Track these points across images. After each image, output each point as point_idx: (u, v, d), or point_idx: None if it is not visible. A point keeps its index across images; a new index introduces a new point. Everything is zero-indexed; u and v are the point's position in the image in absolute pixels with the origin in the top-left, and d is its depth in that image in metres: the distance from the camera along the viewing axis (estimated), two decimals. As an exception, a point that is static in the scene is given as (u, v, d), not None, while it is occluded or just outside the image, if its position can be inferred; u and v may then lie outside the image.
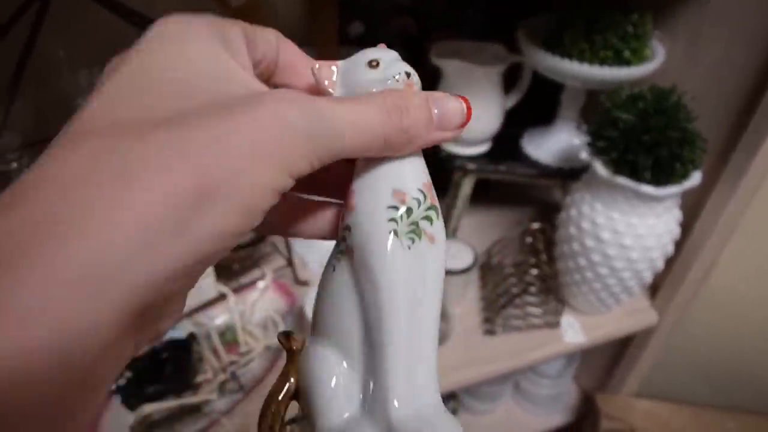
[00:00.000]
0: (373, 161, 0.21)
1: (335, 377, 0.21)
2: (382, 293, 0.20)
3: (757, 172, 0.64)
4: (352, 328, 0.21)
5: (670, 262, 0.73)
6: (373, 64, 0.21)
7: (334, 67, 0.22)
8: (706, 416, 0.90)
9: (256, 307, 0.74)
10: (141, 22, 0.56)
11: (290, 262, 0.79)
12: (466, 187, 0.82)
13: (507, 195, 0.97)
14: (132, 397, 0.62)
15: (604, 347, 0.94)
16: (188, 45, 0.18)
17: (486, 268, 0.84)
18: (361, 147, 0.19)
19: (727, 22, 0.65)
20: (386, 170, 0.21)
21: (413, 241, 0.21)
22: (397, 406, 0.20)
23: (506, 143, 0.83)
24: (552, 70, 0.70)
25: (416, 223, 0.21)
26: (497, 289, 0.78)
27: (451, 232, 0.87)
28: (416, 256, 0.21)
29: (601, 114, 0.65)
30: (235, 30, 0.20)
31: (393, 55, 0.22)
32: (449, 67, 0.74)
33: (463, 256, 0.76)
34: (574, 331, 0.77)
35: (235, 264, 0.77)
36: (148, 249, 0.14)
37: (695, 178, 0.63)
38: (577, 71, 0.68)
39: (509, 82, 0.80)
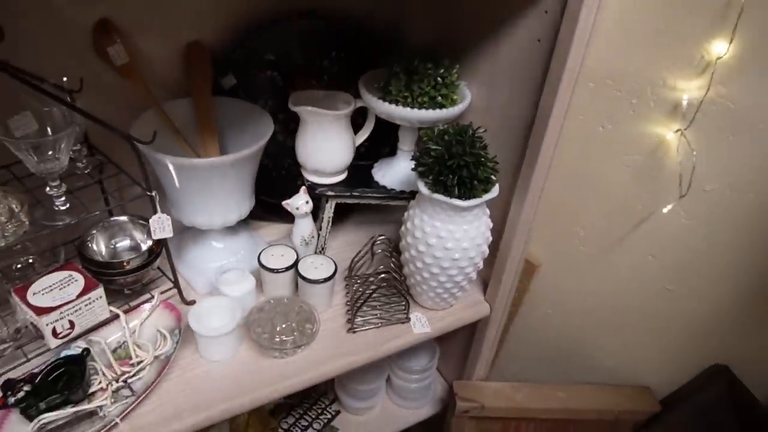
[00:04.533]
0: None
1: None
2: None
3: (538, 183, 0.85)
4: None
5: (490, 262, 0.92)
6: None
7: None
8: (542, 390, 1.09)
9: (146, 324, 0.84)
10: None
11: (176, 285, 0.90)
12: (329, 210, 0.98)
13: (366, 216, 1.14)
14: (30, 408, 0.70)
15: (457, 341, 1.12)
16: None
17: (349, 278, 0.99)
18: None
19: (511, 69, 0.85)
20: None
21: None
22: None
23: (360, 173, 1.00)
24: (385, 113, 0.88)
25: None
26: (356, 294, 0.94)
27: (320, 249, 1.01)
28: None
29: (420, 146, 0.83)
30: None
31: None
32: (304, 112, 0.90)
33: (327, 269, 0.91)
34: (421, 324, 0.93)
35: (125, 288, 0.87)
36: None
37: (494, 192, 0.82)
38: (403, 114, 0.86)
39: (360, 122, 0.97)
